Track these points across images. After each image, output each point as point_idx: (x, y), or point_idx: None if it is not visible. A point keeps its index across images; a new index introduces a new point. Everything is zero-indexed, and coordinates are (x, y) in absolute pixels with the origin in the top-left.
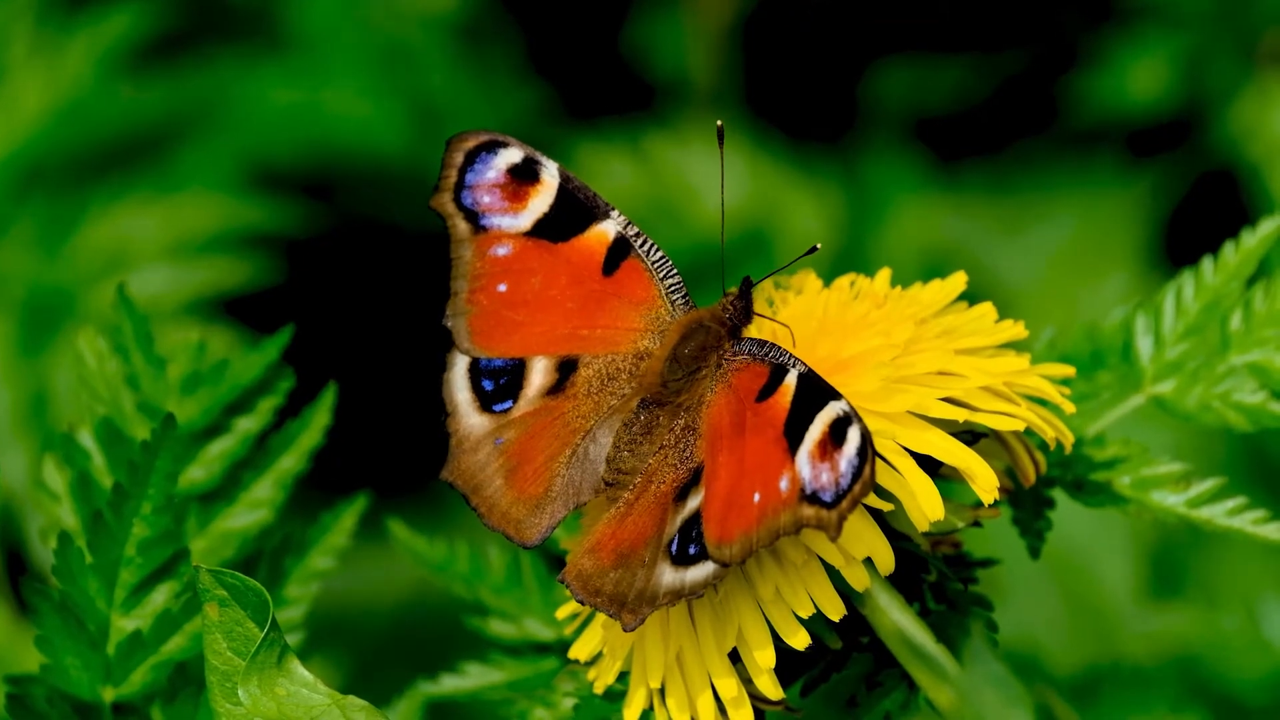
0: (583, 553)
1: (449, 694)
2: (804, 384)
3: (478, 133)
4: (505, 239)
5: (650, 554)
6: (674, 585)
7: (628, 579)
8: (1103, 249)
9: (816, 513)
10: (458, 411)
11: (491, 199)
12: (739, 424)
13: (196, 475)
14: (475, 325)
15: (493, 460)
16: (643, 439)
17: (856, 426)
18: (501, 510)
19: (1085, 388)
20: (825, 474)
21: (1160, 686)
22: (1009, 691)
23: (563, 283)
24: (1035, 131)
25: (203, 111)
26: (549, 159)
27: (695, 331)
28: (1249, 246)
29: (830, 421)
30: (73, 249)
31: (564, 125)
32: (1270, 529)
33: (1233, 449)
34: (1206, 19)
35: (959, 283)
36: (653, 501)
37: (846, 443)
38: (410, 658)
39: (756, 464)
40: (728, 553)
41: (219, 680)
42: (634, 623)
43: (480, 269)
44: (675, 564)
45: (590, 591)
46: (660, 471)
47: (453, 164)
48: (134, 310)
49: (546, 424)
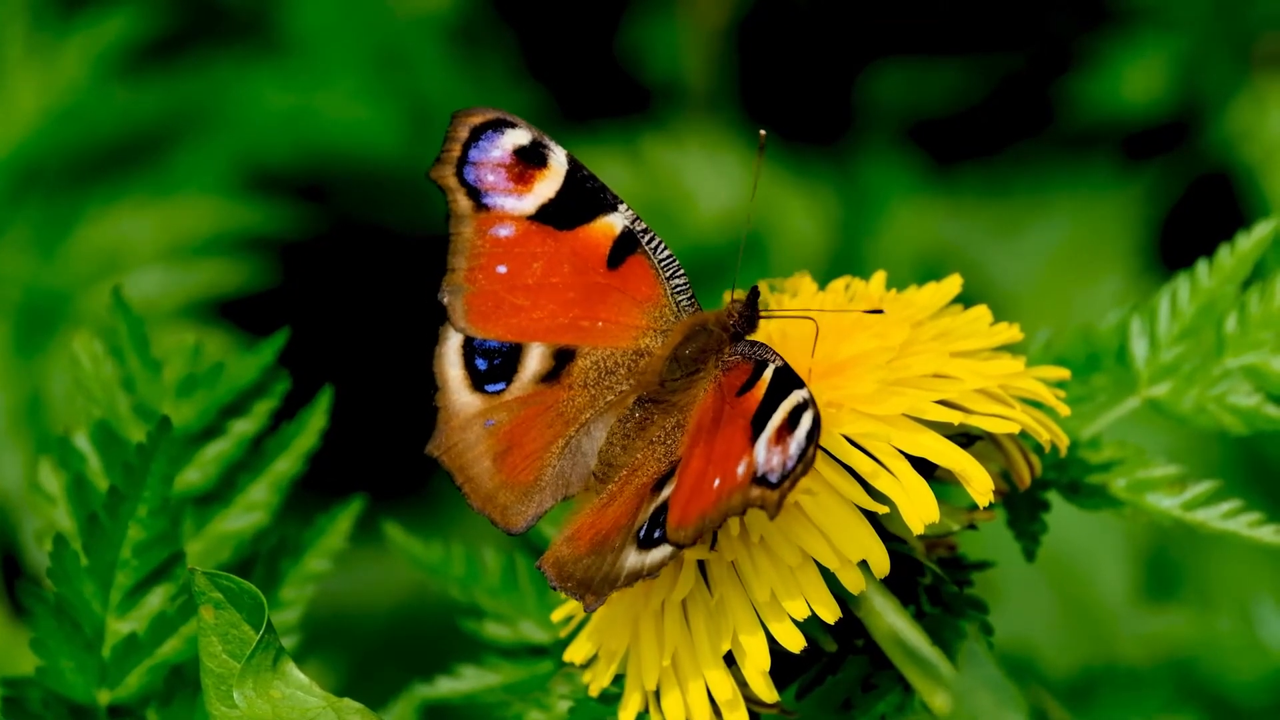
0: (562, 540)
1: (444, 697)
2: (778, 376)
3: (485, 109)
4: (508, 220)
5: (621, 540)
6: (635, 567)
7: (597, 564)
8: (1098, 251)
9: (762, 493)
10: (448, 387)
11: (496, 178)
12: (718, 417)
13: (192, 478)
14: (472, 304)
15: (482, 440)
16: (636, 435)
17: (810, 411)
18: (487, 493)
19: (1080, 390)
20: (776, 457)
21: (1155, 688)
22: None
23: (565, 271)
24: (1031, 134)
25: (198, 114)
26: (558, 145)
27: (698, 334)
28: (1244, 249)
29: (790, 409)
30: (68, 251)
31: (559, 128)
32: (1266, 531)
33: (1228, 452)
34: (1202, 22)
35: (954, 285)
36: (633, 494)
37: (798, 427)
38: (406, 660)
39: (723, 452)
40: (683, 534)
41: (214, 683)
42: (595, 604)
43: (480, 247)
44: (640, 548)
45: (563, 577)
46: (645, 465)
47: (457, 138)
48: (129, 313)
49: (539, 411)
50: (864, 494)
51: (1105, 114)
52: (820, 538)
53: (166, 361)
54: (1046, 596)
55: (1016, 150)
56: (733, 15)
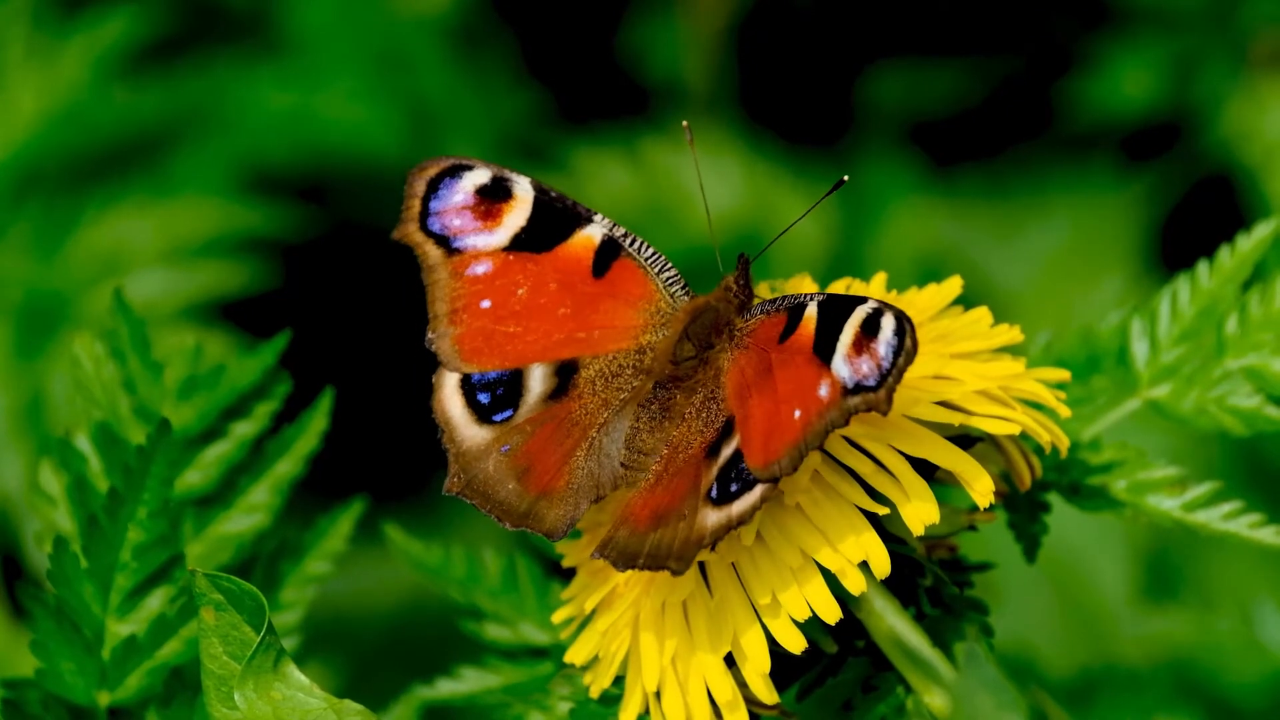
0: (615, 526)
1: (445, 698)
2: (825, 306)
3: (438, 160)
4: (483, 257)
5: (690, 507)
6: (720, 522)
7: (669, 535)
8: (1098, 253)
9: (864, 398)
10: (454, 426)
11: (462, 221)
12: (765, 369)
13: (193, 480)
14: (463, 343)
15: (501, 466)
16: (662, 417)
17: (890, 314)
18: (520, 510)
19: (1081, 392)
20: (865, 364)
21: (1155, 690)
22: (1004, 695)
23: (552, 290)
24: (1030, 135)
25: (198, 115)
26: (520, 174)
27: (704, 312)
28: (1244, 250)
29: (861, 321)
30: (69, 253)
31: (559, 129)
32: (1266, 533)
33: (1228, 453)
34: (1199, 22)
35: (954, 287)
36: (684, 465)
37: (881, 329)
38: (406, 662)
39: (791, 389)
40: (778, 468)
41: (215, 684)
42: (683, 568)
43: (459, 289)
44: (718, 505)
45: (629, 557)
46: (686, 440)
47: (415, 194)
48: (130, 314)
49: (554, 427)
50: (865, 495)
51: (1104, 115)
52: (821, 539)
53: (167, 363)
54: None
55: (1016, 151)
56: (732, 16)
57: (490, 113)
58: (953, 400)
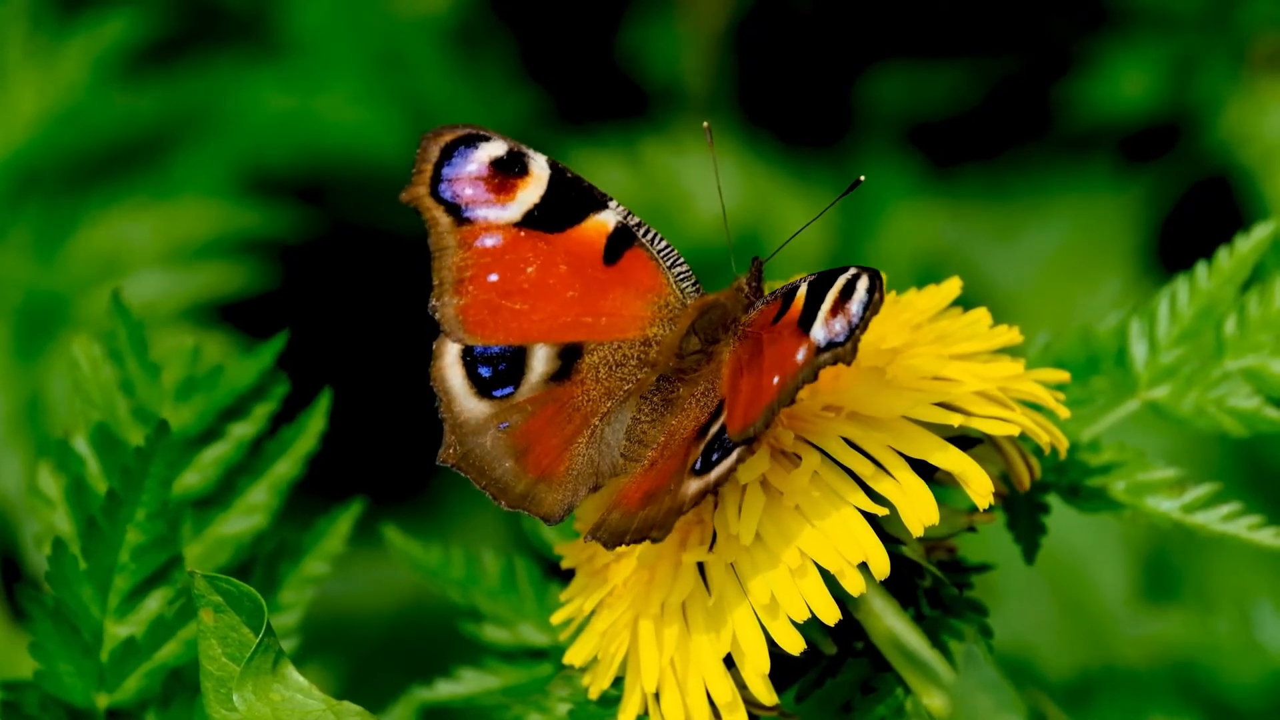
0: (608, 510)
1: (444, 700)
2: (815, 281)
3: (455, 127)
4: (494, 230)
5: (675, 483)
6: (699, 487)
7: (655, 510)
8: (1097, 254)
9: (833, 353)
10: (454, 396)
11: (475, 191)
12: (757, 349)
13: (191, 481)
14: (468, 314)
15: (499, 443)
16: (663, 410)
17: (865, 275)
18: (519, 490)
19: (1080, 393)
20: (839, 323)
21: (1154, 691)
22: (1002, 697)
23: (562, 271)
24: (1029, 136)
25: (197, 117)
26: (538, 152)
27: (712, 308)
28: (1243, 251)
29: (842, 285)
30: (68, 254)
31: (558, 130)
32: (1265, 534)
33: (1227, 454)
34: (1198, 23)
35: (953, 288)
36: (675, 449)
37: (856, 291)
38: (405, 663)
39: (775, 361)
40: (753, 429)
41: (214, 686)
42: (663, 536)
43: (467, 259)
44: (699, 475)
45: (618, 535)
46: (681, 428)
47: (428, 158)
48: (129, 316)
49: (556, 409)
50: (864, 496)
51: (1103, 116)
52: (820, 539)
53: (165, 364)
54: (1046, 599)
55: (1015, 153)
56: (731, 18)
57: (489, 114)
58: (952, 401)
